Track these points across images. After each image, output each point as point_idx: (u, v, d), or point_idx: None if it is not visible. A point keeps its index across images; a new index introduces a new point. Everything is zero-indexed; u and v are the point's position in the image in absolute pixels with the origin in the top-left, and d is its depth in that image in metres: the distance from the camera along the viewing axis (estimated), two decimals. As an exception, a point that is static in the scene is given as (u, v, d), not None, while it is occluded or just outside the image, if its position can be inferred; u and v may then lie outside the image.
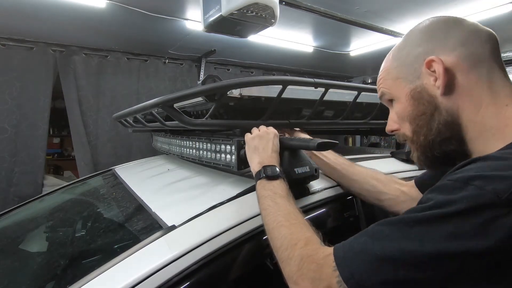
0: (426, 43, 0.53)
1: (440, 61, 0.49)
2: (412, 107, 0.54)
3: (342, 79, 4.26)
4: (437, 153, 0.52)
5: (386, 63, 0.60)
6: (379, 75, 0.61)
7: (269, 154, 0.70)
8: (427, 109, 0.52)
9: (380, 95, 0.61)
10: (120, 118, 1.12)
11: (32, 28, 2.24)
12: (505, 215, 0.35)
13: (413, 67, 0.53)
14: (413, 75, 0.54)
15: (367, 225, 0.84)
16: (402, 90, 0.55)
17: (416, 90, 0.53)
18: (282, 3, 1.61)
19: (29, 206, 1.38)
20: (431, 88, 0.51)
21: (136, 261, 0.57)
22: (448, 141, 0.51)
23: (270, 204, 0.59)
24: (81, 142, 2.63)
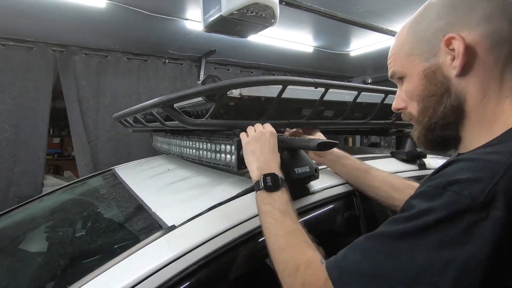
0: (447, 16, 0.48)
1: (462, 39, 0.45)
2: (423, 86, 0.50)
3: (342, 79, 4.26)
4: (436, 136, 0.51)
5: (401, 37, 0.54)
6: (391, 50, 0.56)
7: (268, 158, 0.67)
8: (438, 90, 0.49)
9: (390, 74, 0.57)
10: (120, 118, 1.12)
11: (32, 28, 2.24)
12: (484, 219, 0.35)
13: (430, 44, 0.49)
14: (429, 52, 0.49)
15: (367, 225, 0.85)
16: (415, 67, 0.51)
17: (430, 69, 0.49)
18: (282, 3, 1.61)
19: (29, 206, 1.38)
20: (446, 68, 0.47)
21: (136, 261, 0.57)
22: (449, 126, 0.49)
23: (271, 222, 0.58)
24: (81, 142, 2.63)
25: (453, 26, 0.46)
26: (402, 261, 0.38)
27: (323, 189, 0.82)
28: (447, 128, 0.50)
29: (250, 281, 0.72)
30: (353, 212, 0.86)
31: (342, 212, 0.86)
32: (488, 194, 0.35)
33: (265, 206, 0.60)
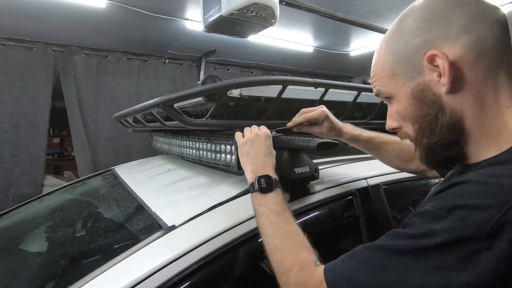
0: (425, 31, 0.45)
1: (444, 56, 0.42)
2: (414, 107, 0.48)
3: (342, 79, 4.26)
4: (438, 156, 0.48)
5: (379, 57, 0.52)
6: (372, 70, 0.54)
7: (262, 161, 0.66)
8: (430, 109, 0.46)
9: (376, 93, 0.55)
10: (120, 118, 1.12)
11: (32, 28, 2.24)
12: (487, 248, 0.34)
13: (412, 63, 0.46)
14: (412, 71, 0.47)
15: (367, 225, 0.85)
16: (401, 88, 0.49)
17: (417, 89, 0.47)
18: (282, 3, 1.61)
19: (29, 206, 1.38)
20: (435, 86, 0.45)
21: (136, 261, 0.57)
22: (449, 146, 0.47)
23: (266, 223, 0.58)
24: (81, 142, 2.63)
25: (432, 41, 0.44)
26: (396, 277, 0.38)
27: (323, 189, 0.82)
28: (448, 148, 0.47)
29: (250, 281, 0.72)
30: (353, 212, 0.86)
31: (342, 212, 0.86)
32: (495, 224, 0.34)
33: (260, 208, 0.61)
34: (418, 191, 1.14)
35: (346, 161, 1.04)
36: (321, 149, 0.68)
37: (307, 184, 0.80)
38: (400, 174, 1.02)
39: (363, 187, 0.90)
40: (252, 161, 0.67)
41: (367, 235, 0.84)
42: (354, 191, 0.87)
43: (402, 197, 1.08)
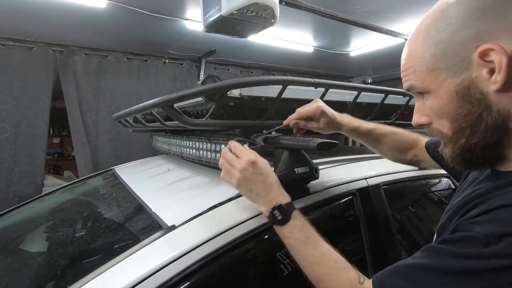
0: (477, 22, 0.41)
1: (503, 51, 0.39)
2: (454, 104, 0.44)
3: (342, 79, 4.26)
4: (476, 157, 0.45)
5: (416, 47, 0.47)
6: (406, 62, 0.49)
7: (265, 190, 0.63)
8: (474, 108, 0.43)
9: (407, 88, 0.50)
10: (120, 118, 1.12)
11: (32, 28, 2.24)
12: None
13: (459, 56, 0.42)
14: (458, 66, 0.42)
15: (367, 224, 0.85)
16: (441, 83, 0.44)
17: (462, 85, 0.43)
18: (282, 3, 1.61)
19: (29, 206, 1.38)
20: (483, 83, 0.41)
21: (136, 261, 0.57)
22: (492, 146, 0.44)
23: (297, 255, 0.58)
24: (81, 142, 2.63)
25: (486, 34, 0.40)
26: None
27: (323, 189, 0.82)
28: (491, 149, 0.44)
29: (250, 281, 0.72)
30: (353, 212, 0.86)
31: (342, 212, 0.86)
32: None
33: (286, 240, 0.60)
34: (418, 191, 1.14)
35: (346, 161, 1.04)
36: (321, 149, 0.68)
37: (307, 184, 0.80)
38: (400, 174, 1.02)
39: (363, 187, 0.90)
40: (258, 196, 0.63)
41: (367, 235, 0.84)
42: (354, 191, 0.87)
43: (402, 197, 1.08)
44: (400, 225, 1.00)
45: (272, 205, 0.61)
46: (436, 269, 0.40)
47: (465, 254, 0.38)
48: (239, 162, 0.63)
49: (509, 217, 0.38)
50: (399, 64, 0.52)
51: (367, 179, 0.93)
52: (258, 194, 0.63)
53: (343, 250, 0.58)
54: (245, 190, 0.64)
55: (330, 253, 0.56)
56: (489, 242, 0.37)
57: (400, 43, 2.66)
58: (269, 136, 0.80)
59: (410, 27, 2.36)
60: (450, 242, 0.42)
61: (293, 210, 0.61)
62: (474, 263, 0.37)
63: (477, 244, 0.38)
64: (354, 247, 0.86)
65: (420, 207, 1.17)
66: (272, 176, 0.65)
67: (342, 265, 0.53)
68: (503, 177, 0.44)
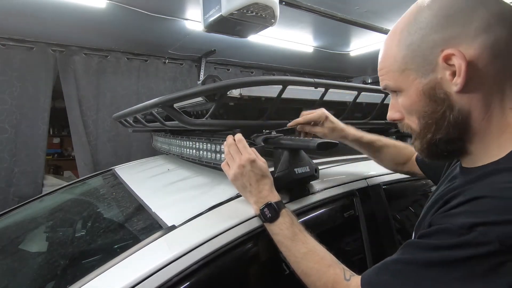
0: (444, 28, 0.44)
1: (462, 56, 0.42)
2: (422, 103, 0.48)
3: (342, 79, 4.26)
4: (441, 151, 0.50)
5: (390, 49, 0.51)
6: (381, 62, 0.53)
7: (258, 188, 0.67)
8: (439, 107, 0.46)
9: (383, 87, 0.55)
10: (120, 118, 1.12)
11: (32, 28, 2.24)
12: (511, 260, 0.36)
13: (427, 59, 0.46)
14: (426, 68, 0.46)
15: (367, 225, 0.85)
16: (411, 83, 0.48)
17: (429, 86, 0.47)
18: (282, 3, 1.61)
19: (29, 206, 1.38)
20: (446, 84, 0.45)
21: (136, 261, 0.57)
22: (453, 141, 0.48)
23: (285, 251, 0.61)
24: (81, 142, 2.63)
25: (451, 39, 0.44)
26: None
27: (323, 189, 0.82)
28: (452, 143, 0.48)
29: (250, 281, 0.72)
30: (353, 212, 0.86)
31: (342, 212, 0.86)
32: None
33: (275, 237, 0.63)
34: (418, 191, 1.14)
35: (346, 161, 1.04)
36: (321, 149, 0.68)
37: (307, 184, 0.80)
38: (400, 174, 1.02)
39: (363, 187, 0.91)
40: (250, 193, 0.67)
41: (367, 235, 0.84)
42: (354, 191, 0.88)
43: (402, 197, 1.08)
44: (400, 225, 1.00)
45: (263, 203, 0.65)
46: (417, 262, 0.42)
47: (440, 245, 0.41)
48: (240, 158, 0.68)
49: (479, 208, 0.40)
50: None
51: (367, 179, 0.93)
52: (250, 191, 0.67)
53: (343, 250, 0.58)
54: (239, 185, 0.69)
55: (316, 249, 0.58)
56: (461, 233, 0.39)
57: (400, 43, 2.66)
58: (269, 136, 0.80)
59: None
60: (427, 235, 0.44)
61: (282, 208, 0.64)
62: (450, 253, 0.39)
63: (451, 235, 0.40)
64: (354, 247, 0.86)
65: (420, 207, 1.16)
66: (267, 177, 0.68)
67: (328, 262, 0.56)
68: (472, 173, 0.48)
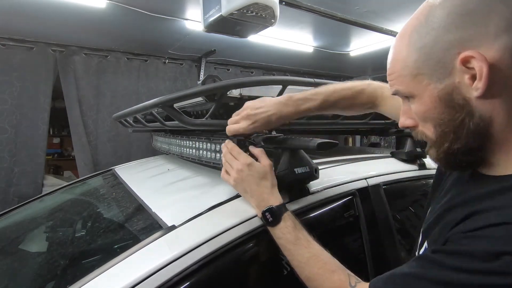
0: (458, 28, 0.40)
1: (483, 59, 0.38)
2: (438, 110, 0.44)
3: (342, 79, 4.26)
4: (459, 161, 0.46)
5: (400, 52, 0.46)
6: (391, 66, 0.49)
7: (258, 192, 0.66)
8: (457, 114, 0.42)
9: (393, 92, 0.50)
10: (120, 118, 1.12)
11: (32, 28, 2.24)
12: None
13: (441, 62, 0.42)
14: (441, 72, 0.42)
15: (367, 224, 0.85)
16: (425, 88, 0.44)
17: (445, 91, 0.43)
18: (282, 3, 1.61)
19: (29, 206, 1.38)
20: (465, 89, 0.41)
21: (136, 261, 0.57)
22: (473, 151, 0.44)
23: (288, 255, 0.60)
24: (81, 142, 2.63)
25: (468, 41, 0.40)
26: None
27: (323, 189, 0.82)
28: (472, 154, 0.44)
29: (250, 281, 0.72)
30: (353, 212, 0.86)
31: (342, 212, 0.86)
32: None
33: (278, 240, 0.62)
34: (418, 191, 1.14)
35: (346, 161, 1.04)
36: (321, 149, 0.68)
37: (307, 184, 0.80)
38: (400, 174, 1.02)
39: (363, 187, 0.90)
40: (252, 196, 0.67)
41: (367, 235, 0.84)
42: (354, 191, 0.87)
43: (402, 197, 1.08)
44: (400, 225, 1.00)
45: (264, 207, 0.64)
46: (431, 279, 0.40)
47: (461, 268, 0.38)
48: (236, 164, 0.68)
49: (507, 235, 0.38)
50: None
51: (367, 179, 0.93)
52: (252, 196, 0.66)
53: (343, 250, 0.58)
54: (241, 190, 0.69)
55: (320, 254, 0.57)
56: (486, 258, 0.37)
57: (400, 43, 2.66)
58: (269, 136, 0.80)
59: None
60: (444, 253, 0.41)
61: (283, 212, 0.63)
62: (470, 277, 0.37)
63: (473, 260, 0.38)
64: (354, 247, 0.86)
65: (420, 207, 1.17)
66: (267, 179, 0.67)
67: (332, 267, 0.55)
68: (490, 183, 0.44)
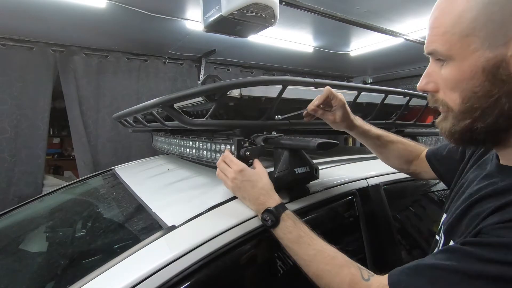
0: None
1: None
2: (475, 81, 0.39)
3: (342, 79, 4.26)
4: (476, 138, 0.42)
5: (456, 5, 0.40)
6: (438, 18, 0.42)
7: (254, 195, 0.66)
8: (495, 90, 0.38)
9: (429, 51, 0.44)
10: (120, 118, 1.12)
11: (32, 28, 2.24)
12: None
13: (504, 28, 0.37)
14: (497, 39, 0.37)
15: (367, 224, 0.85)
16: (469, 54, 0.39)
17: (492, 62, 0.38)
18: (282, 3, 1.61)
19: (29, 206, 1.38)
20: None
21: (136, 261, 0.57)
22: (497, 132, 0.41)
23: (294, 255, 0.59)
24: (81, 142, 2.63)
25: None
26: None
27: (323, 189, 0.82)
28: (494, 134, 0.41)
29: (250, 281, 0.72)
30: (353, 212, 0.86)
31: (342, 212, 0.86)
32: None
33: (281, 241, 0.61)
34: (418, 191, 1.14)
35: (346, 161, 1.04)
36: (321, 149, 0.68)
37: (307, 184, 0.80)
38: (400, 174, 1.02)
39: (363, 187, 0.90)
40: (250, 201, 0.67)
41: (367, 235, 0.84)
42: (354, 191, 0.87)
43: (402, 197, 1.08)
44: (400, 225, 1.00)
45: (262, 209, 0.64)
46: (465, 272, 0.37)
47: (499, 260, 0.36)
48: (230, 172, 0.69)
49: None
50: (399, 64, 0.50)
51: (367, 179, 0.93)
52: (249, 200, 0.67)
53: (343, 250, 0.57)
54: (240, 196, 0.71)
55: (325, 249, 0.55)
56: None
57: (400, 43, 2.66)
58: (269, 136, 0.80)
59: (410, 27, 2.36)
60: (478, 245, 0.38)
61: (282, 213, 0.62)
62: (508, 270, 0.35)
63: (505, 248, 0.36)
64: (354, 247, 0.86)
65: (420, 207, 1.17)
66: (262, 181, 0.67)
67: (341, 262, 0.53)
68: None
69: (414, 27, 2.37)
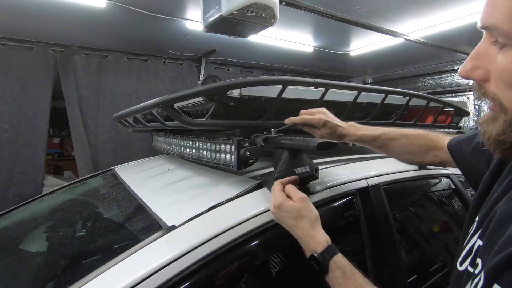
0: None
1: None
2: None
3: (342, 79, 4.26)
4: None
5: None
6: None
7: (298, 234, 0.60)
8: None
9: (486, 24, 0.34)
10: (120, 118, 1.12)
11: (32, 28, 2.24)
12: None
13: None
14: None
15: (367, 224, 0.85)
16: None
17: None
18: (282, 3, 1.61)
19: (29, 206, 1.38)
20: None
21: (136, 261, 0.57)
22: None
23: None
24: (81, 142, 2.63)
25: None
26: None
27: (323, 189, 0.82)
28: None
29: (250, 281, 0.72)
30: (353, 212, 0.86)
31: (342, 212, 0.86)
32: None
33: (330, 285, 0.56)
34: (418, 191, 1.14)
35: (346, 161, 1.04)
36: (321, 149, 0.68)
37: (307, 184, 0.80)
38: (400, 174, 1.02)
39: (363, 187, 0.90)
40: (295, 236, 0.62)
41: (367, 235, 0.84)
42: (354, 191, 0.87)
43: (402, 197, 1.08)
44: (400, 225, 1.00)
45: (308, 253, 0.59)
46: None
47: None
48: (271, 206, 0.64)
49: None
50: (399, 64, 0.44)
51: (367, 179, 0.93)
52: (295, 235, 0.62)
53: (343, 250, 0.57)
54: (289, 227, 0.63)
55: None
56: None
57: (400, 43, 2.66)
58: (269, 136, 0.80)
59: (410, 27, 2.36)
60: None
61: (328, 260, 0.55)
62: None
63: None
64: (354, 247, 0.86)
65: (420, 207, 1.17)
66: (303, 217, 0.60)
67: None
68: None
69: (414, 27, 2.37)
